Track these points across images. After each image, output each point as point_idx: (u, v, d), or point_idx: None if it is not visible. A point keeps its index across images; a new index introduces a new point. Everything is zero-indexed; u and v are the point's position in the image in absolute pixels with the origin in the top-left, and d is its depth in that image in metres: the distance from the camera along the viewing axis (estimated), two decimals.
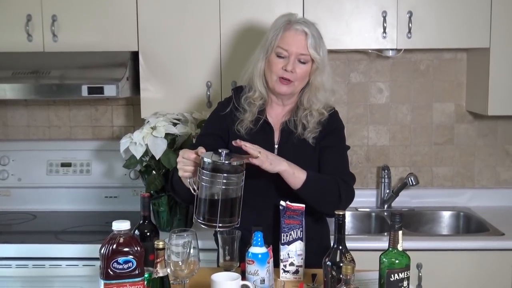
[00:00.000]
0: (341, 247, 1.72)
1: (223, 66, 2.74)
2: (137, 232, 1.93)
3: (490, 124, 3.11)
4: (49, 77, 2.67)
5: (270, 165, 1.92)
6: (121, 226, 1.58)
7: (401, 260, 1.62)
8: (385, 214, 2.99)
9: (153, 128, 2.56)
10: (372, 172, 3.16)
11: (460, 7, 2.71)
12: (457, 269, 2.53)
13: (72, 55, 2.75)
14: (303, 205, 1.95)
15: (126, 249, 1.57)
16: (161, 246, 1.66)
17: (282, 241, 1.94)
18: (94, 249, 2.16)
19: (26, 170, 3.05)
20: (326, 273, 1.73)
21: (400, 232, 1.62)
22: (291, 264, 1.94)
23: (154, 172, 2.64)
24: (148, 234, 1.95)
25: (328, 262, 1.72)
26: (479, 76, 2.89)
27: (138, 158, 2.57)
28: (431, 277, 2.48)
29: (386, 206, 3.05)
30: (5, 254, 2.49)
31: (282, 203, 1.96)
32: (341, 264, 1.61)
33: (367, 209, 3.05)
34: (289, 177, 1.97)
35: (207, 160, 1.78)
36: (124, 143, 2.58)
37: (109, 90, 2.60)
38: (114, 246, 1.56)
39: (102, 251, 1.57)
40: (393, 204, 3.06)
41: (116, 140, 2.85)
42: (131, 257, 1.57)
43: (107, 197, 3.03)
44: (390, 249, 1.63)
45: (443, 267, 2.52)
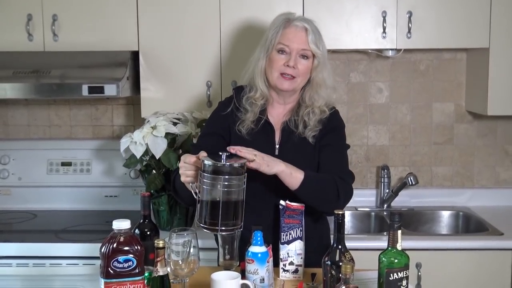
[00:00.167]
0: (340, 247, 1.72)
1: (223, 65, 2.75)
2: (137, 231, 1.94)
3: (489, 124, 3.11)
4: (49, 76, 2.67)
5: (268, 167, 1.91)
6: (121, 225, 1.58)
7: (400, 259, 1.62)
8: (385, 213, 2.99)
9: (153, 128, 2.56)
10: (371, 172, 3.16)
11: (459, 7, 2.71)
12: (456, 268, 2.54)
13: (72, 54, 2.75)
14: (303, 205, 1.95)
15: (126, 248, 1.57)
16: (161, 245, 1.67)
17: (282, 241, 1.95)
18: (94, 248, 2.17)
19: (26, 169, 3.05)
20: (326, 272, 1.73)
21: (399, 232, 1.62)
22: (291, 264, 1.94)
23: (154, 171, 2.64)
24: (148, 233, 1.95)
25: (327, 262, 1.72)
26: (478, 76, 2.89)
27: (138, 157, 2.58)
28: (430, 277, 2.48)
29: (385, 206, 3.05)
30: (5, 253, 2.49)
31: (281, 202, 1.96)
32: (341, 264, 1.60)
33: (367, 209, 3.06)
34: (287, 177, 1.96)
35: (207, 162, 1.78)
36: (124, 142, 2.58)
37: (110, 90, 2.60)
38: (115, 245, 1.56)
39: (102, 250, 1.57)
40: (392, 204, 3.06)
41: (116, 140, 2.85)
42: (131, 256, 1.57)
43: (107, 196, 3.04)
44: (389, 248, 1.63)
45: (442, 266, 2.53)
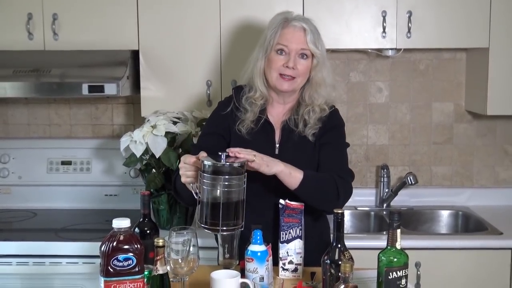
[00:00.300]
0: (340, 246, 1.72)
1: (223, 64, 2.75)
2: (137, 230, 1.94)
3: (489, 123, 3.12)
4: (49, 75, 2.67)
5: (267, 167, 1.91)
6: (121, 223, 1.59)
7: (399, 258, 1.62)
8: (384, 213, 2.99)
9: (153, 127, 2.56)
10: (371, 171, 3.16)
11: (459, 7, 2.72)
12: (456, 267, 2.54)
13: (72, 53, 2.75)
14: (302, 204, 1.96)
15: (126, 246, 1.57)
16: (161, 244, 1.67)
17: (281, 239, 1.95)
18: (94, 247, 2.17)
19: (26, 168, 3.05)
20: (325, 271, 1.73)
21: (399, 231, 1.62)
22: (290, 262, 1.95)
23: (154, 170, 2.65)
24: (148, 232, 1.95)
25: (327, 260, 1.72)
26: (478, 76, 2.89)
27: (138, 156, 2.58)
28: (429, 276, 2.49)
29: (385, 205, 3.06)
30: (5, 252, 2.50)
31: (281, 201, 1.97)
32: (340, 262, 1.61)
33: (366, 208, 3.06)
34: (286, 177, 1.96)
35: (207, 163, 1.78)
36: (124, 141, 2.59)
37: (110, 89, 2.60)
38: (114, 243, 1.57)
39: (102, 248, 1.57)
40: (392, 203, 3.06)
41: (116, 139, 2.85)
42: (131, 254, 1.58)
43: (107, 195, 3.04)
44: (389, 247, 1.63)
45: (441, 265, 2.53)
